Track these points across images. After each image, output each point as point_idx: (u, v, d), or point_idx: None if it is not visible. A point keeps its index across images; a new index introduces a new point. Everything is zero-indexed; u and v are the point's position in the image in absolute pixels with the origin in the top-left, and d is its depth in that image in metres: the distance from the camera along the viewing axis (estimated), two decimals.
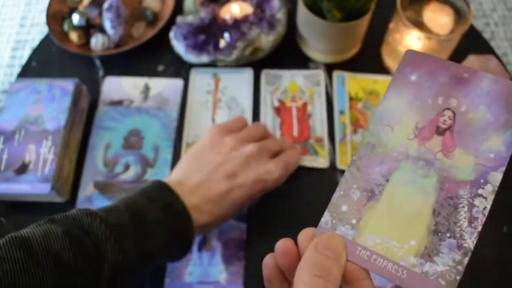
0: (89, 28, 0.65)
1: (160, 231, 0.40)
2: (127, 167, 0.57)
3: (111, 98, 0.62)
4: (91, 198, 0.55)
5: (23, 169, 0.52)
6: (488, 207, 0.25)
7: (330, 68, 0.64)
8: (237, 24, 0.61)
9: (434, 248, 0.25)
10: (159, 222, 0.40)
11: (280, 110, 0.61)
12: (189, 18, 0.63)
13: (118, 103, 0.62)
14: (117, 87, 0.63)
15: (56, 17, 0.66)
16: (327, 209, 0.27)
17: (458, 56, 0.61)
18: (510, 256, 0.51)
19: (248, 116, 0.61)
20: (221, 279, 0.50)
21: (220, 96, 0.62)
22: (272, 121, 0.60)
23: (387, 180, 0.27)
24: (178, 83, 0.63)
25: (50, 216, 0.38)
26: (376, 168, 0.27)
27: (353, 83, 0.63)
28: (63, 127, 0.54)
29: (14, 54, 1.42)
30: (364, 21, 0.58)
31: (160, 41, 0.66)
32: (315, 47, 0.63)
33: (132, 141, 0.59)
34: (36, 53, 0.67)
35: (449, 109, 0.27)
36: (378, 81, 0.63)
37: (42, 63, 0.66)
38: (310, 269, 0.23)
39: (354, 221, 0.26)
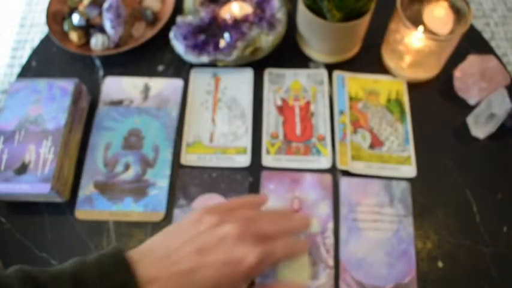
0: (89, 28, 0.65)
1: None
2: (127, 167, 0.57)
3: (111, 98, 0.62)
4: (91, 198, 0.55)
5: (23, 169, 0.52)
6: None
7: (330, 68, 0.64)
8: (237, 24, 0.61)
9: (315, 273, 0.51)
10: None
11: (283, 108, 0.61)
12: (189, 18, 0.63)
13: (118, 103, 0.62)
14: (117, 87, 0.63)
15: (56, 17, 0.66)
16: None
17: (458, 56, 0.61)
18: (510, 256, 0.51)
19: (248, 116, 0.61)
20: None
21: (220, 96, 0.62)
22: (275, 120, 0.60)
23: None
24: (178, 83, 0.63)
25: None
26: None
27: (353, 82, 0.63)
28: (63, 127, 0.54)
29: (14, 54, 1.42)
30: (364, 21, 0.58)
31: (160, 41, 0.66)
32: (315, 47, 0.63)
33: (132, 141, 0.59)
34: (36, 53, 0.67)
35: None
36: (378, 81, 0.63)
37: (42, 63, 0.66)
38: None
39: None
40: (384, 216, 0.53)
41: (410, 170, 0.56)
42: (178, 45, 0.62)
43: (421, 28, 0.56)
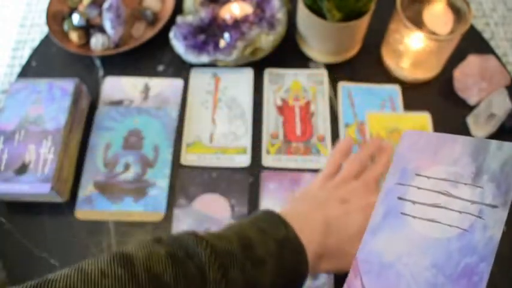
0: (89, 28, 0.65)
1: (270, 263, 0.37)
2: (127, 167, 0.57)
3: (111, 98, 0.62)
4: (91, 198, 0.55)
5: (23, 169, 0.52)
6: None
7: (330, 68, 0.64)
8: (237, 24, 0.61)
9: None
10: (271, 255, 0.37)
11: (283, 108, 0.61)
12: (189, 18, 0.63)
13: (118, 103, 0.62)
14: (117, 87, 0.63)
15: (56, 17, 0.67)
16: None
17: (458, 56, 0.61)
18: (510, 256, 0.51)
19: (248, 116, 0.61)
20: None
21: (220, 96, 0.62)
22: (275, 120, 0.60)
23: None
24: (178, 83, 0.63)
25: (157, 236, 0.36)
26: None
27: (374, 121, 0.60)
28: (63, 127, 0.54)
29: (14, 54, 1.42)
30: (364, 21, 0.58)
31: (160, 41, 0.66)
32: (315, 47, 0.63)
33: (132, 141, 0.59)
34: (36, 53, 0.67)
35: None
36: (401, 118, 0.60)
37: (42, 63, 0.66)
38: None
39: None
40: (456, 200, 0.29)
41: None
42: (178, 45, 0.62)
43: (421, 28, 0.56)
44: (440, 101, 0.62)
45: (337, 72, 0.64)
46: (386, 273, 0.28)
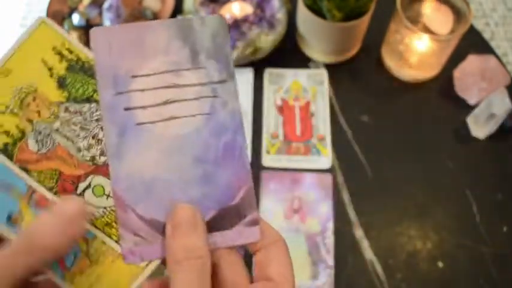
0: (89, 28, 0.65)
1: None
2: None
3: None
4: None
5: None
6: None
7: (330, 68, 0.64)
8: (237, 24, 0.61)
9: None
10: None
11: (283, 108, 0.61)
12: None
13: None
14: None
15: (56, 17, 0.66)
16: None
17: (458, 56, 0.61)
18: (510, 256, 0.51)
19: (248, 116, 0.61)
20: None
21: None
22: (275, 120, 0.60)
23: None
24: None
25: None
26: None
27: None
28: None
29: None
30: (364, 21, 0.58)
31: None
32: (315, 47, 0.63)
33: None
34: None
35: None
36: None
37: None
38: (173, 257, 0.22)
39: None
40: (186, 89, 0.27)
41: None
42: None
43: (421, 28, 0.56)
44: (440, 101, 0.62)
45: (337, 72, 0.64)
46: (155, 191, 0.25)
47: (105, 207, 0.25)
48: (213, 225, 0.25)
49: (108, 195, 0.25)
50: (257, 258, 0.25)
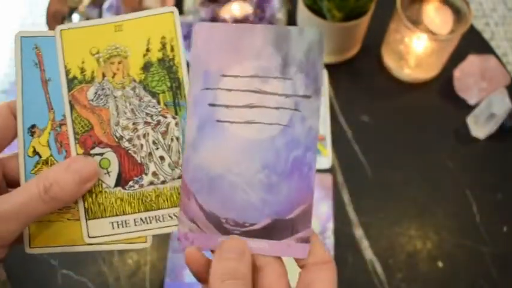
0: None
1: None
2: None
3: None
4: None
5: None
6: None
7: (330, 68, 0.64)
8: None
9: None
10: None
11: None
12: (189, 18, 0.63)
13: None
14: None
15: (56, 17, 0.66)
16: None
17: (458, 56, 0.61)
18: (510, 256, 0.51)
19: None
20: None
21: None
22: None
23: None
24: None
25: None
26: None
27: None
28: None
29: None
30: (364, 21, 0.58)
31: None
32: None
33: None
34: None
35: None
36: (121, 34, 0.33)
37: None
38: (219, 276, 0.23)
39: None
40: (269, 97, 0.27)
41: None
42: None
43: (421, 28, 0.56)
44: (440, 101, 0.62)
45: (337, 72, 0.64)
46: (219, 186, 0.26)
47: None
48: (265, 233, 0.26)
49: (108, 172, 0.27)
50: (302, 275, 0.25)
